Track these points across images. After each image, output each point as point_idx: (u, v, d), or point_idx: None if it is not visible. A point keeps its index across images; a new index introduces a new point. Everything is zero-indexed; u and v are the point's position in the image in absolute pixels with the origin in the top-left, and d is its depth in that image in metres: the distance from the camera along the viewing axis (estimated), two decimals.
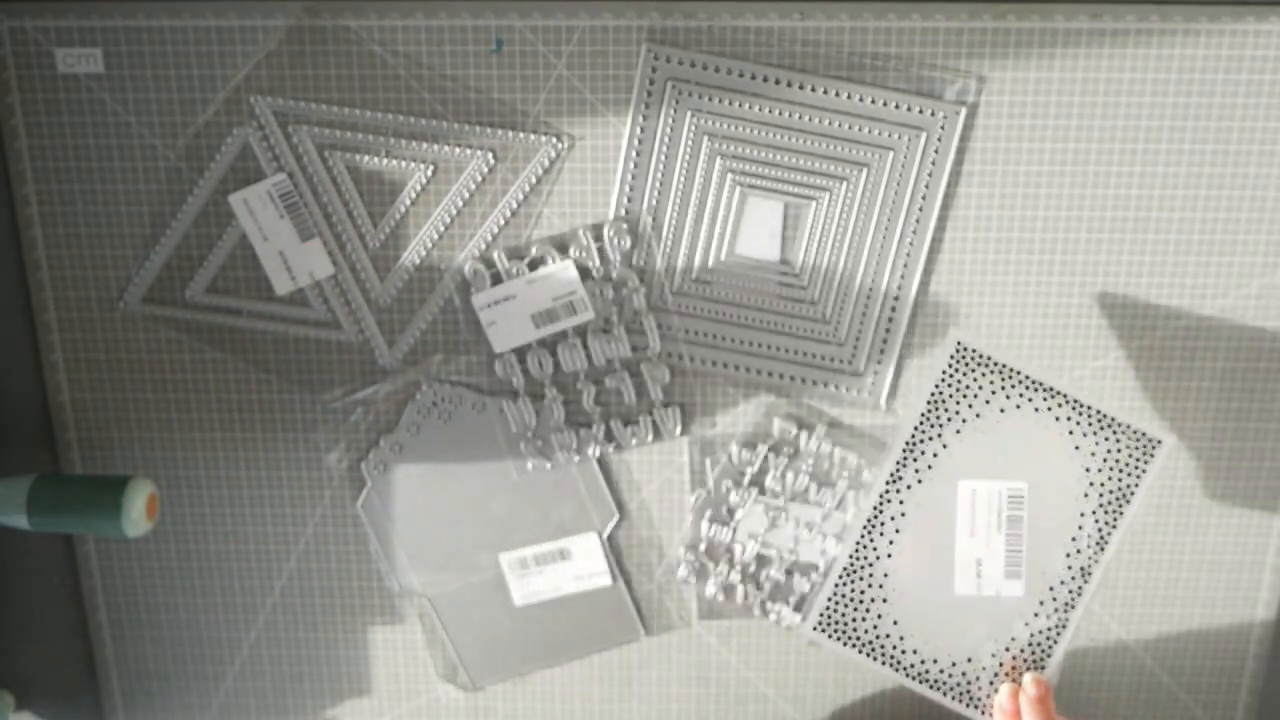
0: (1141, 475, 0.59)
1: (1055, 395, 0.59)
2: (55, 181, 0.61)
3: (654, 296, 0.62)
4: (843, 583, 0.61)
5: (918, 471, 0.60)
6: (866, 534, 0.60)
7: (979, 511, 0.60)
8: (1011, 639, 0.61)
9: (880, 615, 0.61)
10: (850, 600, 0.61)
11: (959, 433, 0.60)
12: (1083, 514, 0.60)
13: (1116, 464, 0.59)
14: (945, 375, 0.59)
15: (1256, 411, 0.63)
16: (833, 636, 0.61)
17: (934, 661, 0.61)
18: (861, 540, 0.60)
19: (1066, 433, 0.59)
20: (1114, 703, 0.68)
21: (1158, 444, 0.59)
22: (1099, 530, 0.60)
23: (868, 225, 0.61)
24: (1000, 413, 0.59)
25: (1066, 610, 0.60)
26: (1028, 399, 0.59)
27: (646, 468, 0.65)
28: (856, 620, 0.61)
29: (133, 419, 0.65)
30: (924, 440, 0.60)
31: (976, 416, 0.59)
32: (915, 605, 0.61)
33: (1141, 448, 0.59)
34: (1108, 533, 0.60)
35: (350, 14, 0.58)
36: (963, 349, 0.59)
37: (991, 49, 0.58)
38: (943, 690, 0.61)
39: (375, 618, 0.69)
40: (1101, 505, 0.59)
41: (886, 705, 0.69)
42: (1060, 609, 0.60)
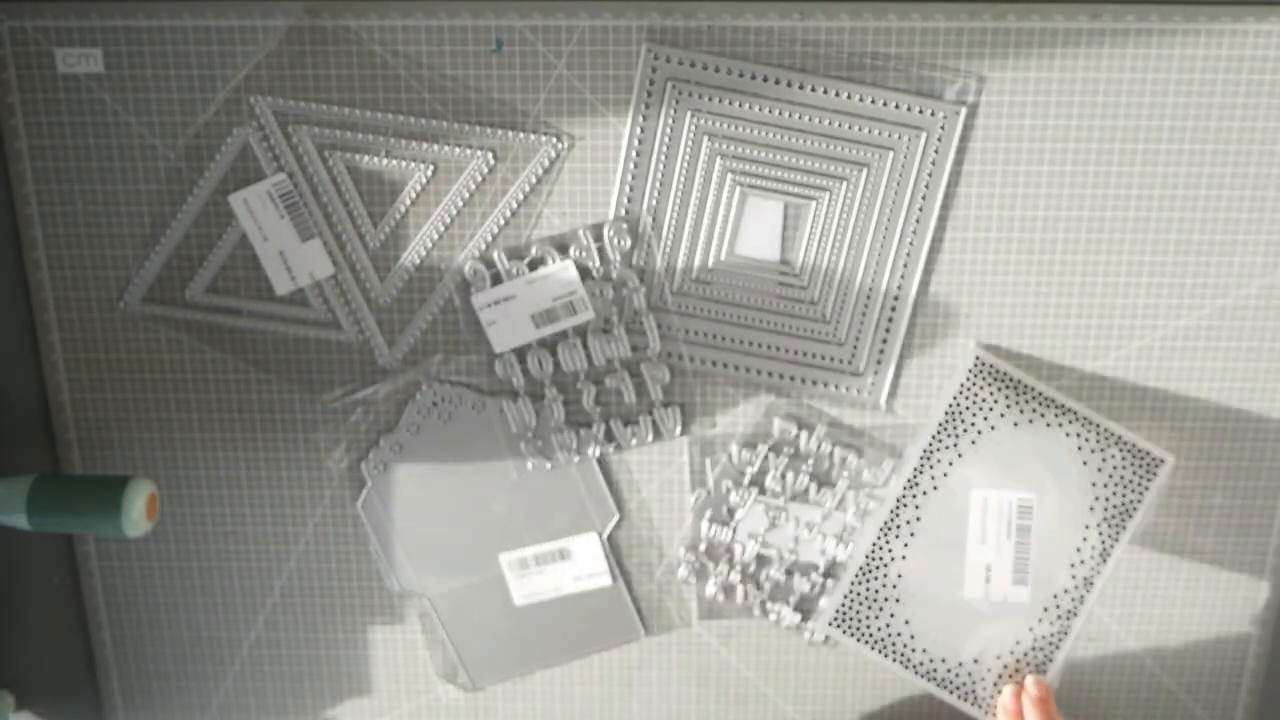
0: (1144, 492, 0.62)
1: (1066, 412, 0.61)
2: (55, 181, 0.61)
3: (654, 296, 0.62)
4: (858, 582, 0.62)
5: (933, 479, 0.62)
6: (882, 536, 0.62)
7: (990, 520, 0.62)
8: (1016, 643, 0.63)
9: (893, 615, 0.63)
10: (865, 599, 0.63)
11: (974, 443, 0.62)
12: (1087, 526, 0.62)
13: (1121, 480, 0.62)
14: (964, 387, 0.61)
15: (1256, 412, 0.63)
16: (847, 633, 0.63)
17: (942, 661, 0.63)
18: (877, 542, 0.62)
19: (1075, 448, 0.61)
20: (1114, 703, 0.68)
21: (1161, 462, 0.62)
22: (1102, 542, 0.62)
23: (868, 225, 0.61)
24: (1014, 426, 0.61)
25: (1069, 617, 0.62)
26: (1040, 414, 0.61)
27: (646, 468, 0.65)
28: (870, 618, 0.63)
29: (133, 419, 0.65)
30: (940, 449, 0.62)
31: (991, 429, 0.61)
32: (926, 607, 0.62)
33: (1145, 465, 0.62)
34: (1110, 545, 0.62)
35: (350, 14, 0.58)
36: (981, 363, 0.61)
37: (991, 49, 0.58)
38: (949, 689, 0.63)
39: (375, 618, 0.69)
40: (1105, 518, 0.62)
41: (886, 706, 0.69)
42: (1063, 616, 0.62)
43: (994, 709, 0.63)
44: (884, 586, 0.62)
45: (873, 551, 0.62)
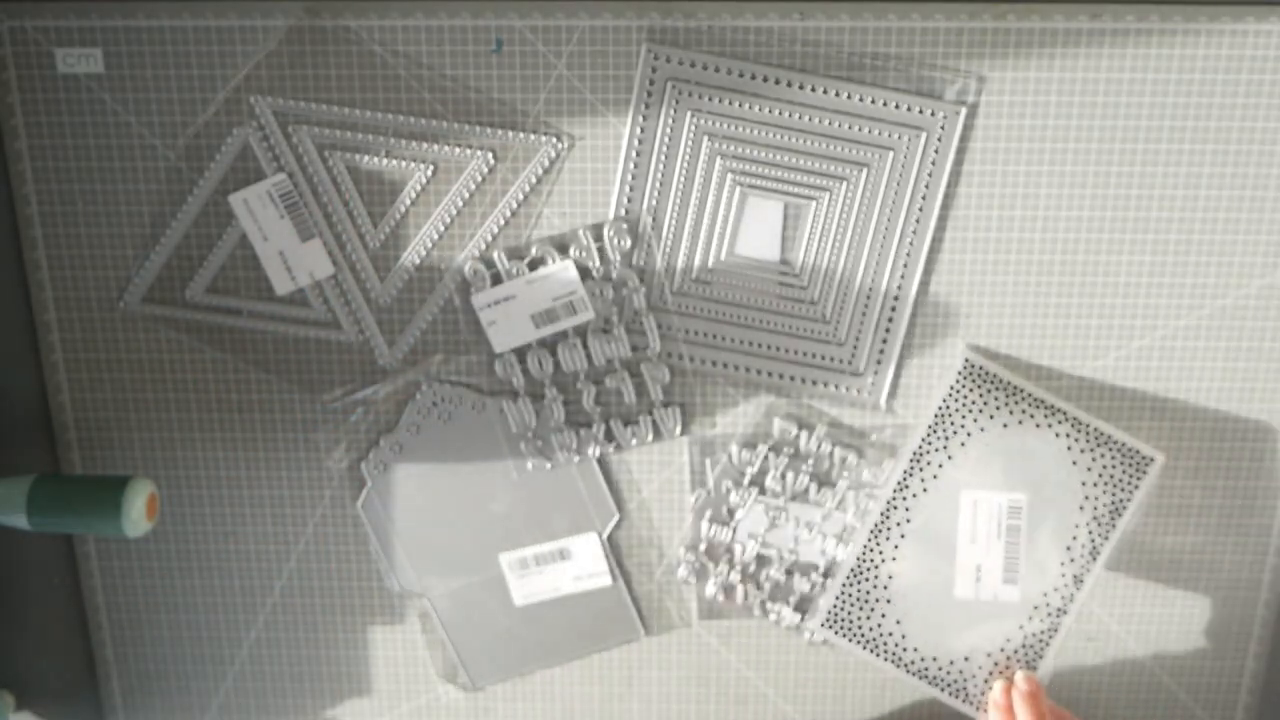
0: (1134, 490, 0.62)
1: (1056, 412, 0.61)
2: (55, 181, 0.61)
3: (654, 296, 0.62)
4: (850, 583, 0.63)
5: (923, 481, 0.62)
6: (873, 538, 0.63)
7: (980, 521, 0.62)
8: (1006, 640, 0.63)
9: (884, 615, 0.63)
10: (856, 600, 0.63)
11: (964, 445, 0.62)
12: (1077, 525, 0.62)
13: (1111, 479, 0.62)
14: (953, 390, 0.62)
15: (1256, 412, 0.63)
16: (839, 633, 0.63)
17: (933, 659, 0.63)
18: (868, 544, 0.63)
19: (1065, 448, 0.62)
20: (1114, 703, 0.68)
21: (1150, 461, 0.62)
22: (1092, 541, 0.62)
23: (868, 225, 0.61)
24: (1003, 427, 0.61)
25: (1059, 615, 0.63)
26: (1030, 415, 0.61)
27: (646, 468, 0.65)
28: (862, 619, 0.63)
29: (133, 419, 0.65)
30: (931, 451, 0.62)
31: (981, 430, 0.62)
32: (917, 606, 0.63)
33: (1135, 465, 0.62)
34: (1100, 543, 0.62)
35: (350, 14, 0.58)
36: (970, 365, 0.61)
37: (991, 49, 0.58)
38: (940, 686, 0.64)
39: (375, 618, 0.69)
40: (1095, 518, 0.62)
41: (886, 706, 0.69)
42: (1053, 614, 0.63)
43: (984, 705, 0.64)
44: (875, 587, 0.63)
45: (864, 553, 0.63)
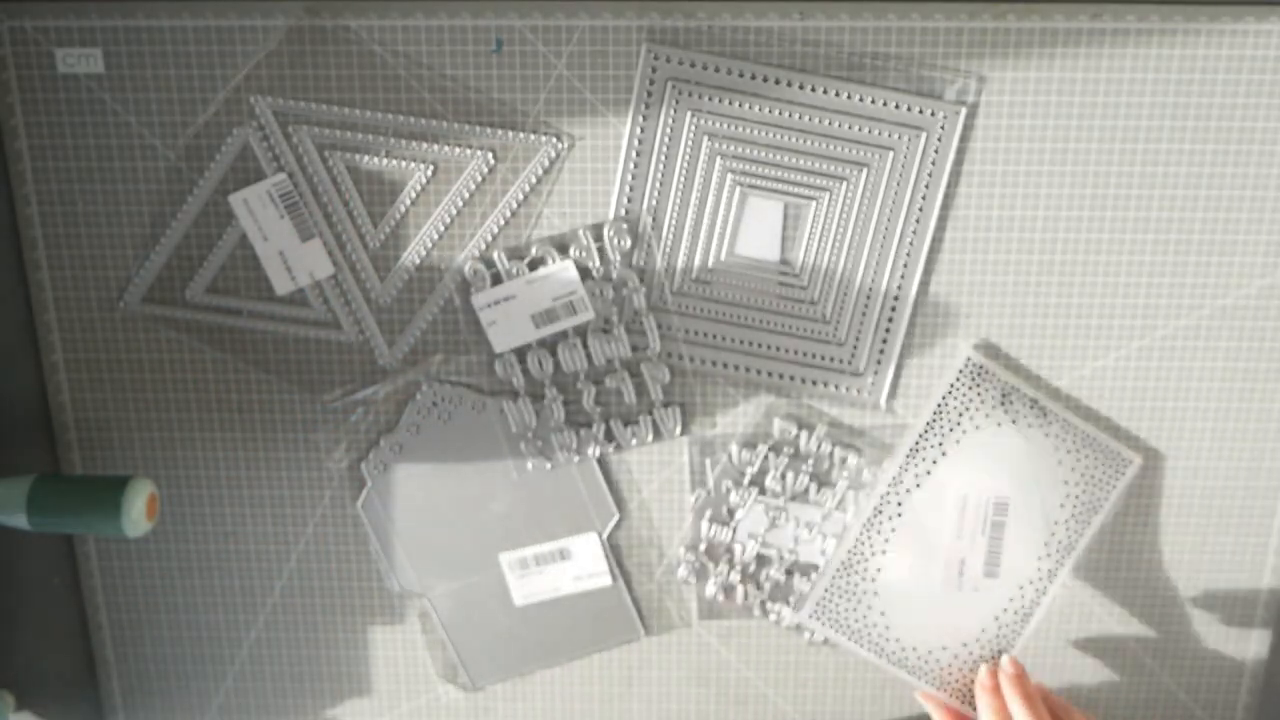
0: (1111, 490, 0.63)
1: (1048, 414, 0.62)
2: (55, 181, 0.61)
3: (654, 296, 0.62)
4: (839, 576, 0.64)
5: (916, 477, 0.63)
6: (865, 532, 0.63)
7: (967, 517, 0.63)
8: (982, 630, 0.65)
9: (870, 607, 0.64)
10: (844, 592, 0.64)
11: (959, 443, 0.63)
12: (1056, 522, 0.64)
13: (1093, 479, 0.63)
14: (953, 388, 0.62)
15: (1256, 412, 0.63)
16: (825, 624, 0.65)
17: (913, 649, 0.65)
18: (860, 538, 0.63)
19: (1053, 449, 0.63)
20: (1114, 703, 0.68)
21: (1129, 463, 0.63)
22: (1069, 536, 0.64)
23: (868, 225, 0.61)
24: (998, 426, 0.62)
25: (1032, 606, 0.65)
26: (1023, 416, 0.62)
27: (646, 468, 0.65)
28: (848, 610, 0.64)
29: (133, 419, 0.65)
30: (926, 448, 0.63)
31: (976, 429, 0.62)
32: (901, 598, 0.64)
33: (1115, 465, 0.63)
34: (1076, 539, 0.64)
35: (350, 14, 0.58)
36: (971, 364, 0.62)
37: (991, 49, 0.58)
38: (919, 676, 0.65)
39: (375, 618, 0.69)
40: (1074, 515, 0.64)
41: (886, 706, 0.69)
42: (1027, 605, 0.65)
43: (957, 691, 0.65)
44: (863, 580, 0.64)
45: (855, 547, 0.64)
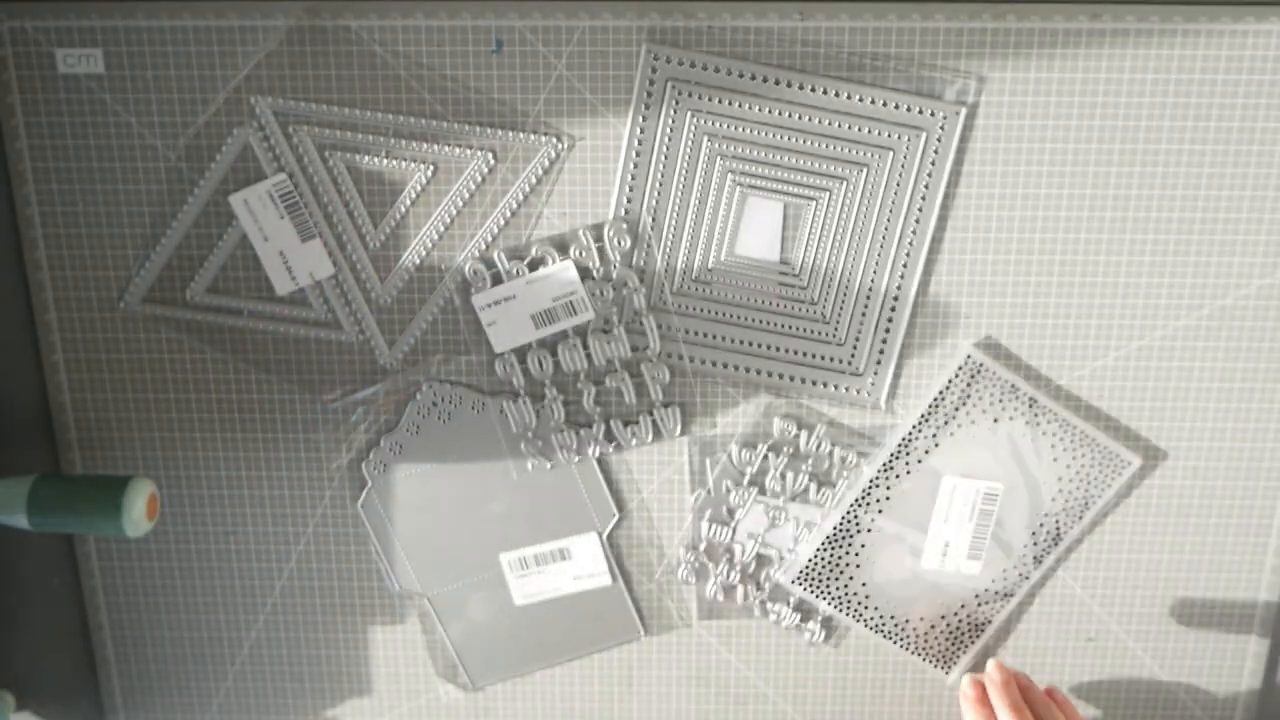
0: (1106, 488, 0.64)
1: (1047, 412, 0.62)
2: (55, 181, 0.61)
3: (654, 296, 0.62)
4: (824, 548, 0.65)
5: (907, 464, 0.64)
6: (852, 511, 0.64)
7: (955, 503, 0.64)
8: (961, 606, 0.66)
9: (851, 578, 0.66)
10: (828, 564, 0.65)
11: (953, 435, 0.63)
12: (1046, 514, 0.64)
13: (1087, 477, 0.64)
14: (951, 383, 0.62)
15: (1256, 412, 0.63)
16: (808, 590, 0.66)
17: (890, 618, 0.66)
18: (847, 515, 0.64)
19: (1049, 446, 0.63)
20: (1114, 703, 0.68)
21: (1128, 464, 0.63)
22: (1057, 528, 0.65)
23: (868, 225, 0.61)
24: (994, 422, 0.63)
25: (1014, 588, 0.66)
26: (1021, 413, 0.63)
27: (646, 468, 0.65)
28: (830, 579, 0.66)
29: (133, 419, 0.65)
30: (919, 438, 0.63)
31: (972, 423, 0.63)
32: (883, 573, 0.66)
33: (1113, 466, 0.63)
34: (1065, 531, 0.65)
35: (350, 14, 0.58)
36: (971, 361, 0.62)
37: (991, 49, 0.58)
38: (895, 640, 0.67)
39: (375, 618, 0.69)
40: (1065, 509, 0.64)
41: (886, 707, 0.69)
42: (1009, 587, 0.66)
43: (934, 655, 0.67)
44: (847, 553, 0.65)
45: (841, 523, 0.64)
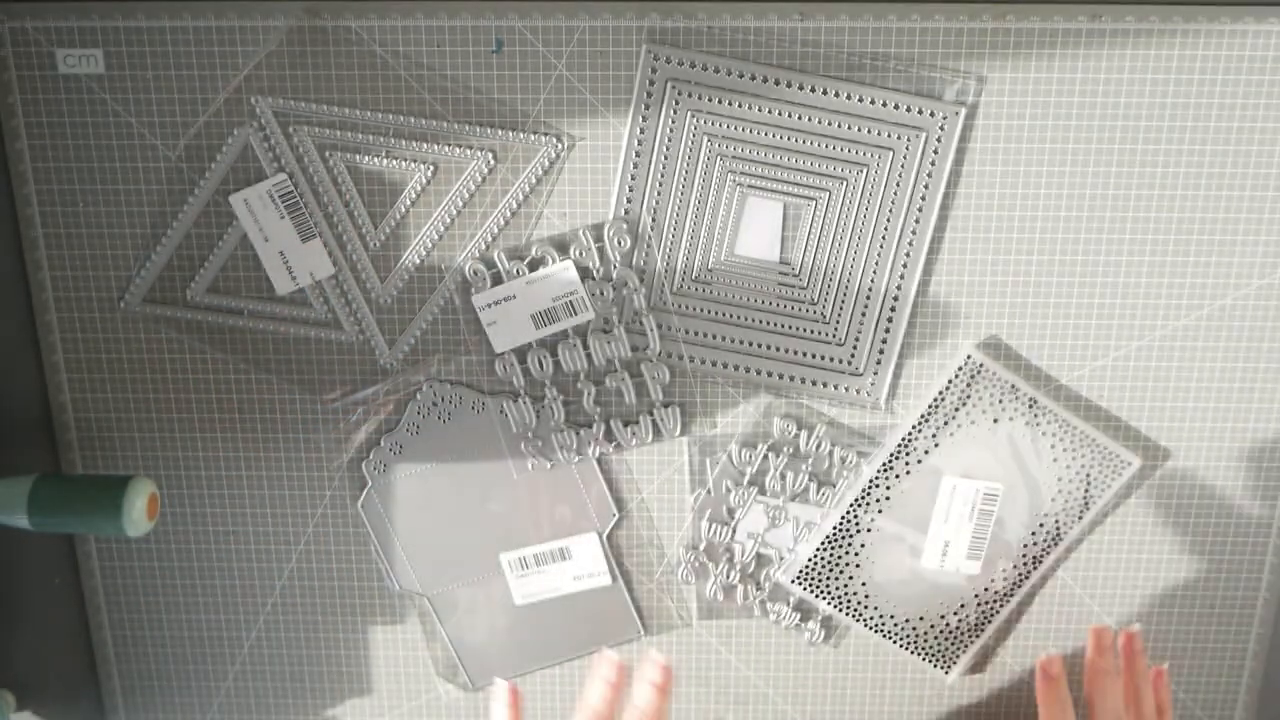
0: (1106, 488, 0.64)
1: (1048, 413, 0.62)
2: (55, 181, 0.61)
3: (654, 296, 0.62)
4: (823, 548, 0.65)
5: (907, 464, 0.64)
6: (851, 511, 0.64)
7: (955, 503, 0.64)
8: (961, 605, 0.66)
9: (851, 578, 0.65)
10: (828, 563, 0.65)
11: (953, 436, 0.63)
12: (1046, 514, 0.64)
13: (1087, 477, 0.64)
14: (951, 383, 0.62)
15: (1256, 412, 0.63)
16: (807, 590, 0.66)
17: (890, 618, 0.66)
18: (846, 516, 0.64)
19: (1050, 447, 0.63)
20: None
21: (1128, 465, 0.63)
22: (1058, 527, 0.65)
23: (868, 225, 0.61)
24: (994, 422, 0.63)
25: (1014, 588, 0.66)
26: (1021, 414, 0.62)
27: (646, 468, 0.65)
28: (830, 579, 0.65)
29: (133, 419, 0.65)
30: (919, 438, 0.63)
31: (972, 423, 0.63)
32: (883, 572, 0.65)
33: (1114, 467, 0.63)
34: (1065, 530, 0.65)
35: (350, 14, 0.58)
36: (971, 361, 0.62)
37: (991, 49, 0.58)
38: (894, 640, 0.67)
39: (375, 618, 0.69)
40: (1065, 509, 0.64)
41: (886, 707, 0.69)
42: (1008, 587, 0.66)
43: (932, 654, 0.66)
44: (847, 553, 0.65)
45: (841, 523, 0.64)
